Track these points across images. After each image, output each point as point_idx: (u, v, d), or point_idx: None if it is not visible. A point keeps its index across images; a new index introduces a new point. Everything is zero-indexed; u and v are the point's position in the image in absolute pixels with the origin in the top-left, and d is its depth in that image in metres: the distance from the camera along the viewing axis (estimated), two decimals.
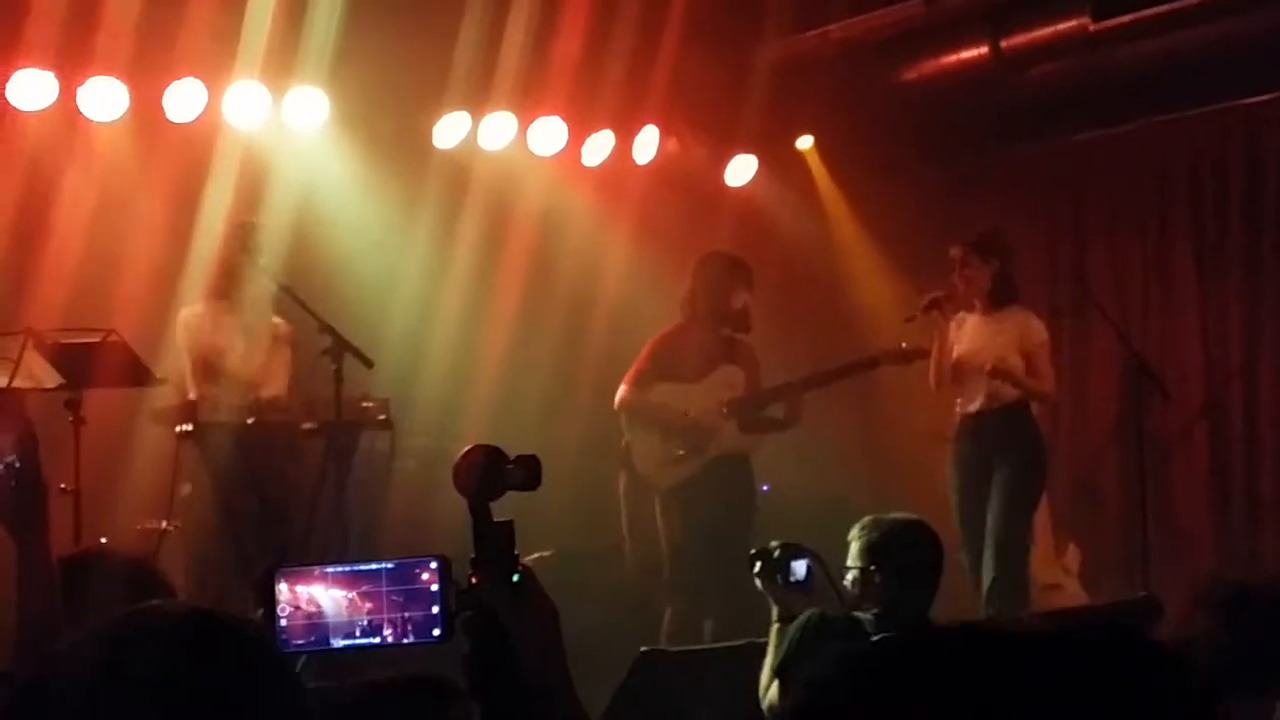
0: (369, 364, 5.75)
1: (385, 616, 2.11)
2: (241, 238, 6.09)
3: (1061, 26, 7.43)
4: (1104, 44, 7.41)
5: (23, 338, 5.44)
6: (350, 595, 2.11)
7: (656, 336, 6.83)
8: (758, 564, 4.13)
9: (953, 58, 7.88)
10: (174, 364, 6.01)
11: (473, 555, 2.04)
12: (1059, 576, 7.28)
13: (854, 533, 4.15)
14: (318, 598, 2.11)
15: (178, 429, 5.61)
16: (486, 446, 2.07)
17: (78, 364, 5.37)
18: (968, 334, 6.68)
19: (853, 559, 4.09)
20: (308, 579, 2.12)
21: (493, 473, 2.04)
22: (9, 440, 2.71)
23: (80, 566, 3.26)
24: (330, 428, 5.70)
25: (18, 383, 5.40)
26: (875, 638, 3.89)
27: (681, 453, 6.59)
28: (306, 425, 5.77)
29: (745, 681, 4.32)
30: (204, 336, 6.05)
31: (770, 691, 4.09)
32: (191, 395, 5.90)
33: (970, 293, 6.69)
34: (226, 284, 6.07)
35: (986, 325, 6.69)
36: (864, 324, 8.54)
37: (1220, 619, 3.18)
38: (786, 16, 7.83)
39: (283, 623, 2.11)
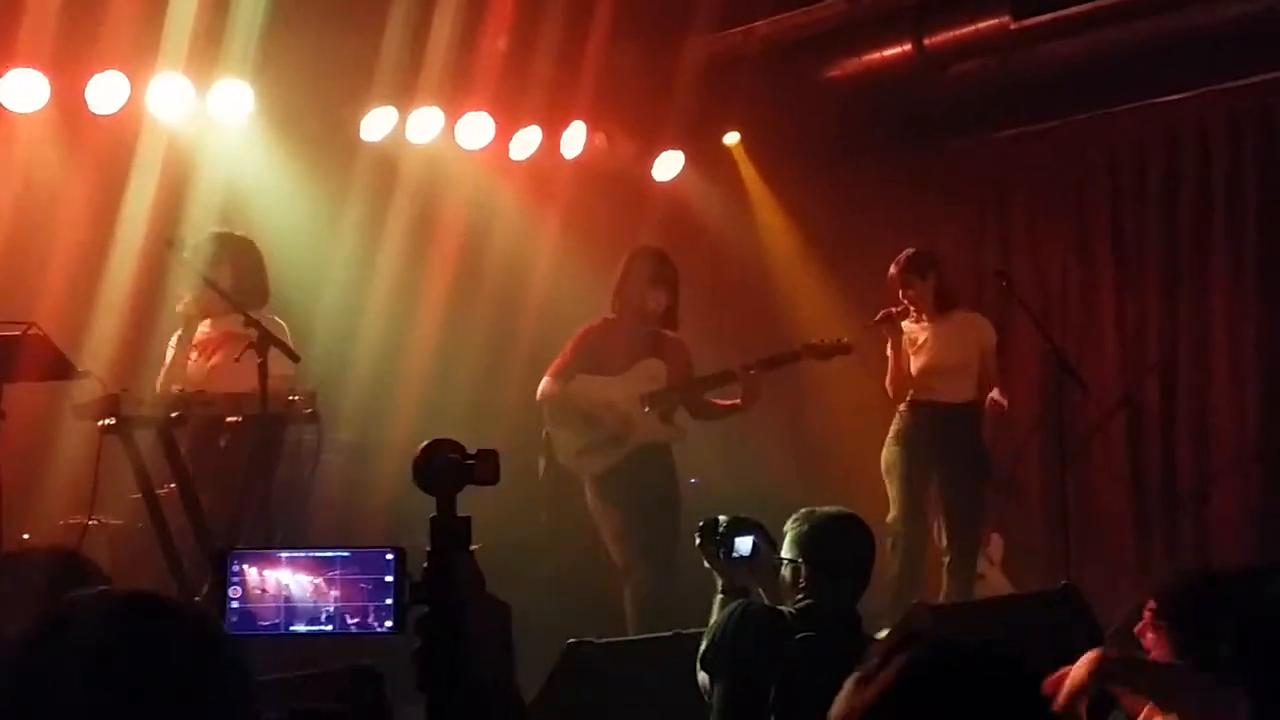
0: (295, 358, 5.70)
1: (344, 605, 2.10)
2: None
3: (982, 25, 7.53)
4: (1024, 42, 7.52)
5: None
6: (316, 581, 2.10)
7: (582, 330, 6.85)
8: (702, 537, 4.16)
9: (876, 55, 7.96)
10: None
11: (429, 548, 2.05)
12: (983, 566, 7.38)
13: (788, 525, 4.18)
14: (284, 581, 2.10)
15: (101, 423, 5.53)
16: (447, 441, 2.08)
17: None
18: (926, 342, 7.09)
19: (786, 550, 4.12)
20: (273, 563, 2.11)
21: (454, 468, 2.05)
22: None
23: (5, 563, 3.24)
24: (256, 421, 5.66)
25: None
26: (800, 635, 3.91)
27: (602, 443, 6.65)
28: (231, 419, 5.72)
29: (673, 672, 4.34)
30: None
31: (702, 675, 4.13)
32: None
33: (917, 308, 7.12)
34: None
35: (940, 330, 7.11)
36: (790, 317, 8.62)
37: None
38: (713, 13, 7.87)
39: (249, 605, 2.10)
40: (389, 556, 2.11)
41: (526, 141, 8.08)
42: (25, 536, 5.87)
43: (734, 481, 7.81)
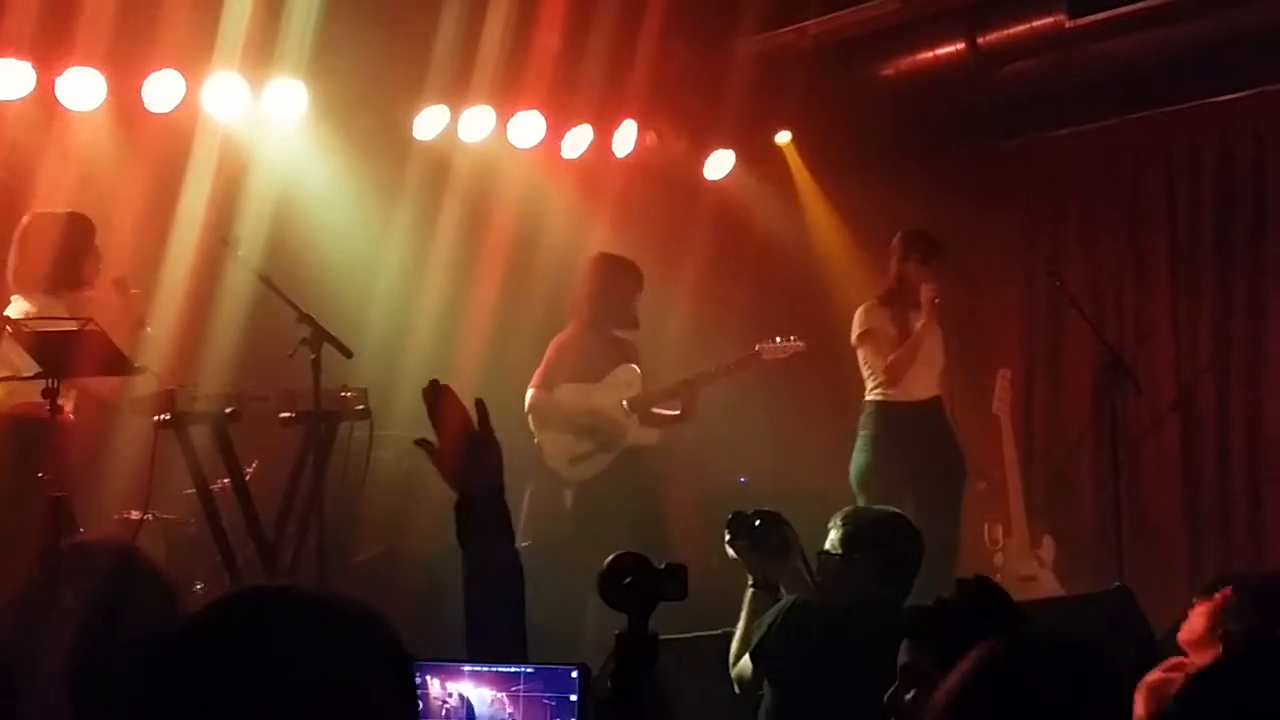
0: (348, 354, 5.73)
1: None
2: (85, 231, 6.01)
3: (1037, 23, 7.49)
4: (1079, 41, 7.47)
5: (0, 326, 5.43)
6: (499, 695, 2.06)
7: (558, 340, 7.01)
8: (733, 532, 4.19)
9: (929, 54, 7.93)
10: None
11: (614, 665, 2.00)
12: (1034, 568, 7.34)
13: (835, 520, 4.19)
14: (467, 695, 2.06)
15: (156, 418, 5.58)
16: (632, 555, 2.03)
17: (56, 353, 5.35)
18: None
19: (832, 545, 4.12)
20: (456, 676, 2.07)
21: (646, 584, 2.00)
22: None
23: (66, 555, 3.27)
24: (308, 417, 5.69)
25: None
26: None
27: (592, 451, 6.83)
28: (284, 415, 5.75)
29: (721, 668, 4.35)
30: None
31: (742, 664, 4.13)
32: None
33: (918, 293, 7.11)
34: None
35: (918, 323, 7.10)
36: (840, 317, 8.57)
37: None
38: (764, 12, 7.86)
39: (437, 714, 2.05)
40: (573, 674, 2.06)
41: (578, 140, 8.10)
42: (80, 530, 5.93)
43: (781, 480, 7.80)
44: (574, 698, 2.06)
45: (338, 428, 5.78)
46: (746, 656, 4.08)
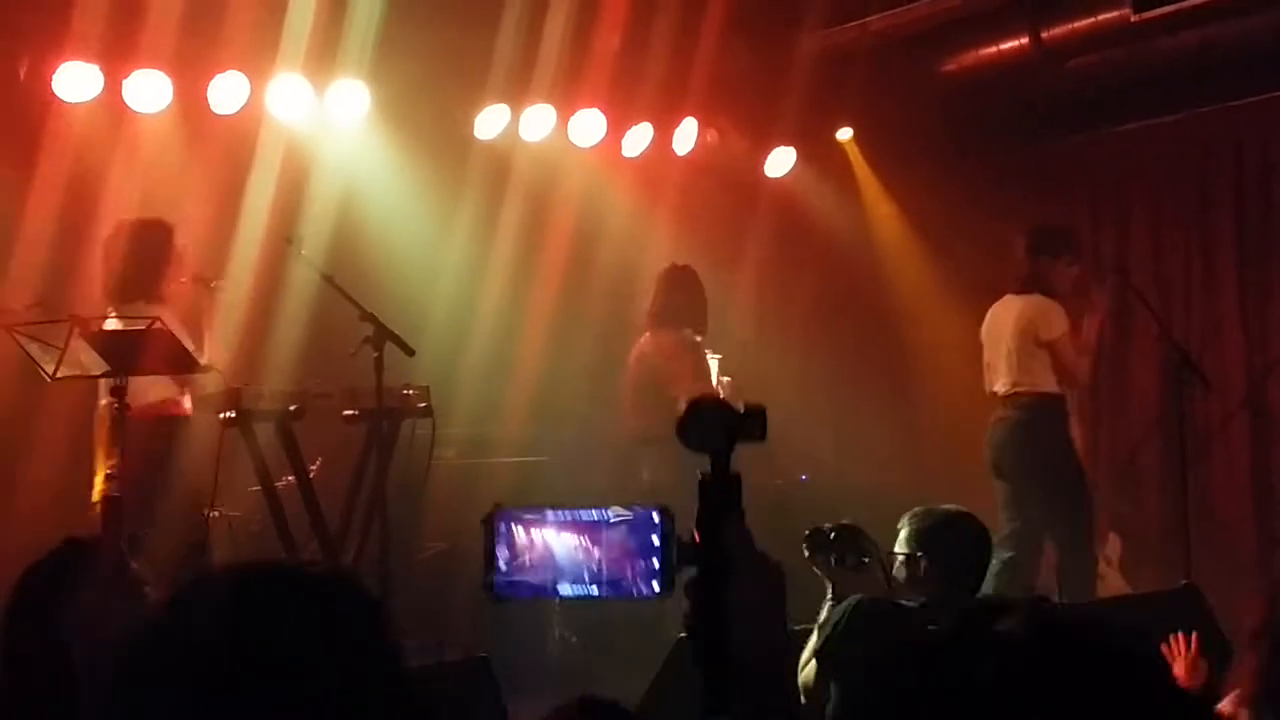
0: (410, 352, 5.76)
1: (610, 567, 2.07)
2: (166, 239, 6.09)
3: (1102, 17, 7.41)
4: (1145, 35, 7.38)
5: (69, 325, 5.49)
6: (582, 539, 2.08)
7: (684, 344, 7.06)
8: (811, 548, 4.16)
9: (993, 49, 7.87)
10: None
11: (698, 507, 1.96)
12: (1100, 566, 7.25)
13: (904, 520, 4.17)
14: (550, 542, 2.09)
15: (221, 416, 5.65)
16: (711, 398, 2.06)
17: (123, 351, 5.41)
18: None
19: (901, 545, 4.11)
20: (539, 523, 2.10)
21: (726, 421, 2.01)
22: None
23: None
24: (371, 415, 5.73)
25: (64, 370, 5.47)
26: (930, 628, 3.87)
27: None
28: (348, 412, 5.80)
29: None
30: None
31: (806, 671, 4.11)
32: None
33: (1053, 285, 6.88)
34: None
35: None
36: (901, 314, 8.54)
37: None
38: (826, 8, 7.84)
39: (516, 565, 2.08)
40: (656, 517, 2.07)
41: (638, 138, 8.11)
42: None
43: (842, 478, 7.78)
44: (657, 540, 2.06)
45: (400, 425, 5.82)
46: (811, 663, 4.05)
